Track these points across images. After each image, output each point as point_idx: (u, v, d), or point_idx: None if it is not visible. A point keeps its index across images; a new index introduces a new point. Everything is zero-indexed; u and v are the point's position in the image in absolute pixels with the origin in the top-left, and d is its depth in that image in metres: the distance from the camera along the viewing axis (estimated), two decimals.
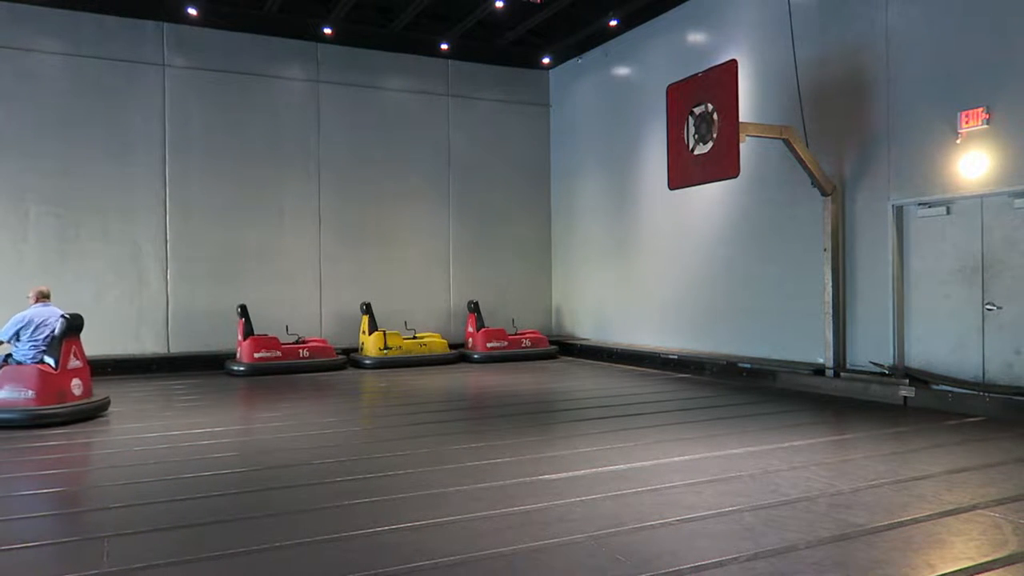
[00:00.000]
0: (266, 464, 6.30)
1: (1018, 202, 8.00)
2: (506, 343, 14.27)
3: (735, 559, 3.85)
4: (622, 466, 5.82)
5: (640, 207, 13.69)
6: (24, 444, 7.01)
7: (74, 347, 8.32)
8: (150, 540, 4.35)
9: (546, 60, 15.72)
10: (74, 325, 8.35)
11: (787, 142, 9.36)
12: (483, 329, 14.28)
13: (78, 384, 8.26)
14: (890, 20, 9.20)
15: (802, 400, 9.10)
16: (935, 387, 8.47)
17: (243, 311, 12.62)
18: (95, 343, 12.44)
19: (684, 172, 9.88)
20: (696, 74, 9.76)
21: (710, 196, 11.72)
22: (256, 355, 12.37)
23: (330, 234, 14.34)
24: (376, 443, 7.20)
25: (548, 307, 16.36)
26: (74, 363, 8.28)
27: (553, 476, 5.55)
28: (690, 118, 9.68)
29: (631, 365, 12.93)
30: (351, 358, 13.52)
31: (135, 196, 12.89)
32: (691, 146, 9.68)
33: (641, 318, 13.70)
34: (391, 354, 13.38)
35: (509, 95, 15.89)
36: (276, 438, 7.25)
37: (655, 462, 5.95)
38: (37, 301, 8.58)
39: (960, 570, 3.70)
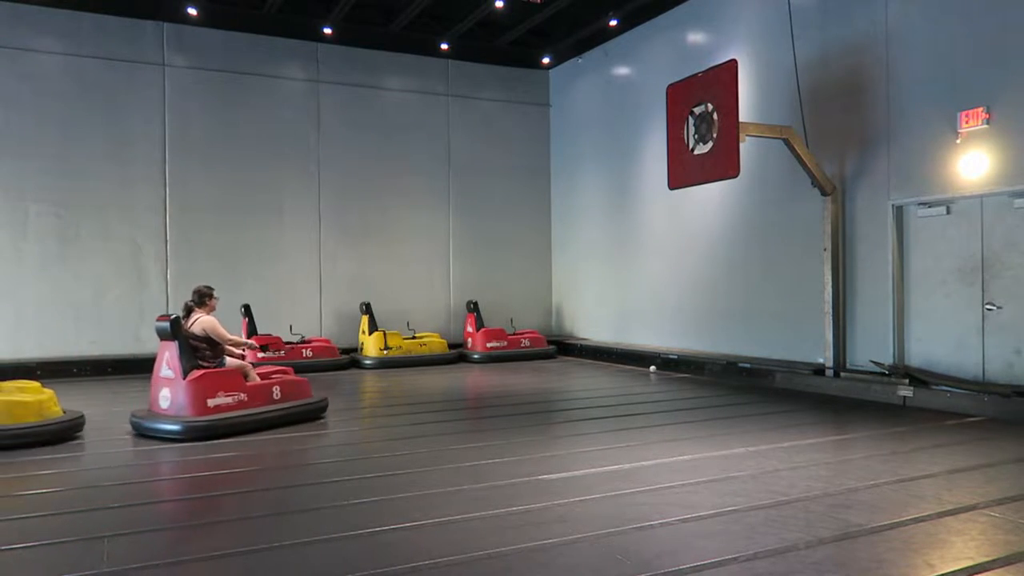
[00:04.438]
0: (265, 464, 6.30)
1: (1018, 202, 8.00)
2: (505, 343, 14.27)
3: (735, 559, 3.85)
4: (622, 466, 5.82)
5: (640, 207, 13.68)
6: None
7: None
8: (150, 540, 4.35)
9: (546, 60, 15.72)
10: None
11: (787, 142, 9.36)
12: (482, 329, 14.27)
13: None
14: (890, 20, 9.20)
15: (802, 400, 9.10)
16: (935, 387, 8.47)
17: (247, 311, 12.61)
18: (95, 342, 12.51)
19: (684, 172, 9.88)
20: (696, 74, 9.75)
21: (710, 196, 11.72)
22: (259, 355, 12.35)
23: (330, 234, 14.34)
24: (376, 443, 7.20)
25: (548, 307, 16.36)
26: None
27: (553, 476, 5.55)
28: (690, 118, 9.68)
29: (631, 365, 12.93)
30: (352, 358, 13.52)
31: (135, 196, 12.89)
32: (691, 146, 9.67)
33: (641, 318, 13.70)
34: (391, 354, 13.37)
35: (509, 95, 15.89)
36: (275, 438, 7.24)
37: (655, 462, 5.95)
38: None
39: (960, 570, 3.70)
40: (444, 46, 14.59)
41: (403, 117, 14.93)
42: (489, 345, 14.13)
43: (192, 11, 12.79)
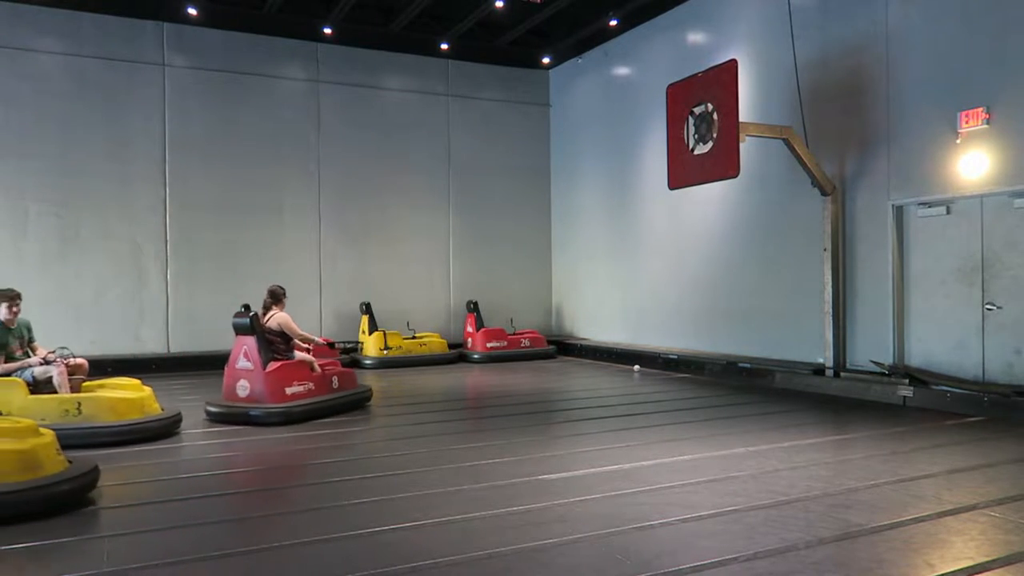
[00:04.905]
0: (265, 464, 6.31)
1: (1018, 202, 8.00)
2: (505, 343, 14.27)
3: (735, 559, 3.85)
4: (622, 466, 5.82)
5: (640, 207, 13.68)
6: None
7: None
8: (150, 540, 4.35)
9: (546, 60, 15.72)
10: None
11: (787, 142, 9.36)
12: (482, 329, 14.27)
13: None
14: (890, 20, 9.20)
15: (802, 400, 9.10)
16: (935, 387, 8.47)
17: (247, 310, 12.57)
18: (95, 342, 12.51)
19: (684, 172, 9.88)
20: (696, 74, 9.75)
21: (710, 196, 11.72)
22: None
23: (330, 233, 14.34)
24: (376, 443, 7.21)
25: (548, 307, 16.36)
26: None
27: (553, 476, 5.55)
28: (690, 118, 9.68)
29: (631, 365, 12.92)
30: (352, 358, 13.51)
31: (135, 196, 12.89)
32: (691, 146, 9.67)
33: (641, 318, 13.70)
34: (391, 354, 13.37)
35: (509, 95, 15.89)
36: (274, 438, 7.24)
37: (655, 462, 5.95)
38: None
39: (960, 570, 3.70)
40: (444, 46, 14.59)
41: (403, 117, 14.93)
42: (489, 345, 14.13)
43: (192, 11, 12.79)
